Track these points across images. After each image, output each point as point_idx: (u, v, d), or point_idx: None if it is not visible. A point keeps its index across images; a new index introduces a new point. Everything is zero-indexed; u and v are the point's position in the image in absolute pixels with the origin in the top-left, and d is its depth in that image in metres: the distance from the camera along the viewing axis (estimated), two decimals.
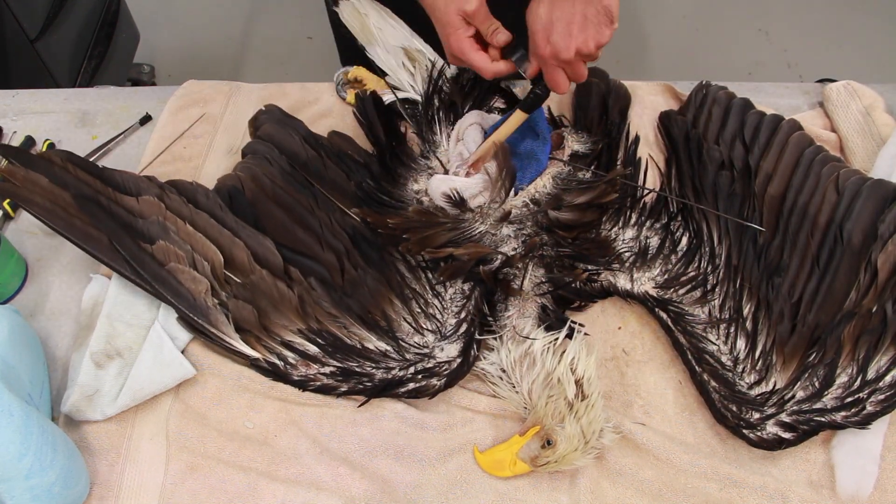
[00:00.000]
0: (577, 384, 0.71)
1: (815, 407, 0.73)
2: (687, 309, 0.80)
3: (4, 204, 0.91)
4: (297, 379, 0.75)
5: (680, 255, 0.84)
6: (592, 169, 0.89)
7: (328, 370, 0.75)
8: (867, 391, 0.73)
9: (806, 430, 0.72)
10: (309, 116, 0.97)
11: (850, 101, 0.98)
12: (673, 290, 0.82)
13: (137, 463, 0.72)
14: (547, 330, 0.77)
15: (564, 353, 0.74)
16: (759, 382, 0.75)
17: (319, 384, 0.75)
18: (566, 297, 0.81)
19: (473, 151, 0.87)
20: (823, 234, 0.82)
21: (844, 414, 0.72)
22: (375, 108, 0.93)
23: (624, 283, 0.82)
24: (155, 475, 0.72)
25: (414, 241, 0.79)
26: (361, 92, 0.96)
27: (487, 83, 0.94)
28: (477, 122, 0.90)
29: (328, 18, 1.12)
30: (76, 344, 0.79)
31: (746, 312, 0.79)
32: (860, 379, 0.74)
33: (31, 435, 0.63)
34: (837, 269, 0.79)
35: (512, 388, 0.75)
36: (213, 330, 0.75)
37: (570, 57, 0.74)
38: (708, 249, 0.84)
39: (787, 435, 0.72)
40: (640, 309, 0.84)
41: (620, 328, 0.83)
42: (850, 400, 0.73)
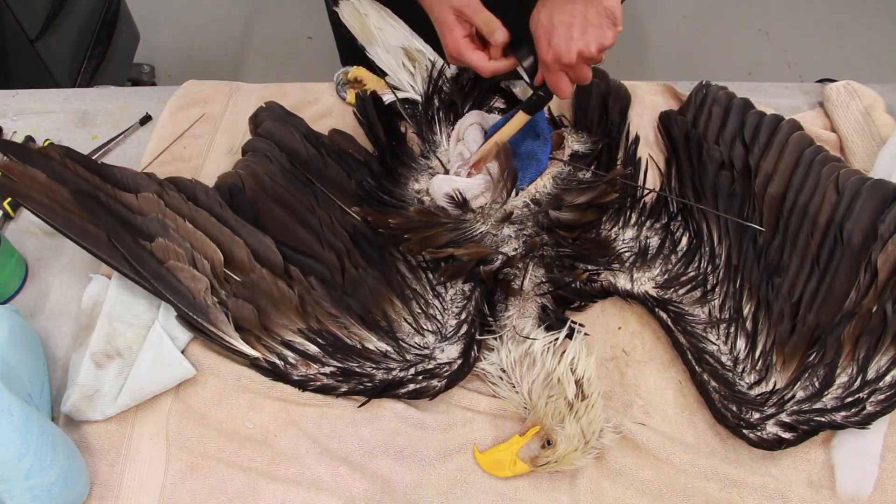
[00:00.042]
0: (577, 384, 0.71)
1: (815, 407, 0.73)
2: (687, 309, 0.80)
3: (4, 204, 0.91)
4: (297, 379, 0.75)
5: (680, 255, 0.84)
6: (592, 169, 0.89)
7: (328, 370, 0.75)
8: (867, 391, 0.73)
9: (806, 430, 0.72)
10: (309, 116, 0.97)
11: (850, 101, 0.98)
12: (673, 290, 0.82)
13: (137, 463, 0.72)
14: (547, 330, 0.77)
15: (564, 353, 0.74)
16: (759, 382, 0.75)
17: (319, 384, 0.75)
18: (566, 297, 0.81)
19: (474, 151, 0.86)
20: (823, 234, 0.82)
21: (844, 414, 0.72)
22: (375, 108, 0.93)
23: (624, 283, 0.82)
24: (155, 475, 0.72)
25: (415, 241, 0.79)
26: (362, 92, 0.96)
27: (487, 83, 0.94)
28: (477, 122, 0.90)
29: (328, 18, 1.12)
30: (76, 344, 0.79)
31: (746, 312, 0.79)
32: (860, 379, 0.74)
33: (31, 435, 0.63)
34: (837, 269, 0.79)
35: (512, 388, 0.75)
36: (212, 329, 0.75)
37: (571, 60, 0.74)
38: (708, 249, 0.84)
39: (787, 435, 0.72)
40: (640, 309, 0.84)
41: (620, 328, 0.83)
42: (850, 400, 0.73)
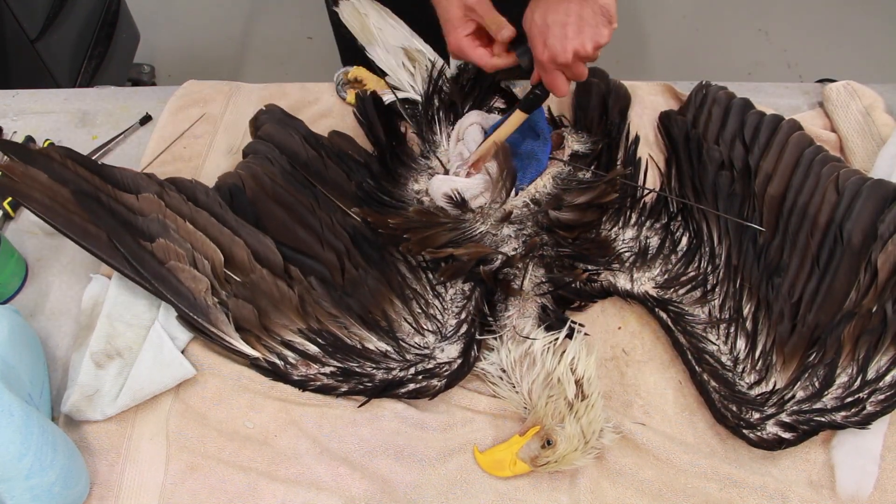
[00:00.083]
0: (577, 384, 0.71)
1: (815, 407, 0.73)
2: (687, 309, 0.80)
3: (5, 204, 0.91)
4: (297, 379, 0.75)
5: (680, 255, 0.84)
6: (592, 169, 0.89)
7: (328, 370, 0.75)
8: (867, 391, 0.73)
9: (806, 430, 0.72)
10: (309, 116, 0.97)
11: (849, 101, 0.98)
12: (673, 290, 0.82)
13: (137, 463, 0.73)
14: (547, 330, 0.77)
15: (564, 353, 0.74)
16: (759, 382, 0.75)
17: (319, 384, 0.75)
18: (566, 297, 0.81)
19: (474, 151, 0.87)
20: (823, 234, 0.82)
21: (844, 414, 0.72)
22: (375, 108, 0.93)
23: (624, 283, 0.82)
24: (155, 475, 0.72)
25: (414, 241, 0.79)
26: (362, 92, 0.96)
27: (487, 83, 0.94)
28: (477, 121, 0.90)
29: (328, 18, 1.12)
30: (76, 344, 0.79)
31: (746, 312, 0.79)
32: (860, 379, 0.74)
33: (31, 435, 0.63)
34: (837, 269, 0.79)
35: (512, 388, 0.75)
36: (212, 329, 0.75)
37: (567, 60, 0.74)
38: (708, 249, 0.84)
39: (787, 435, 0.72)
40: (640, 309, 0.84)
41: (620, 328, 0.83)
42: (850, 400, 0.73)
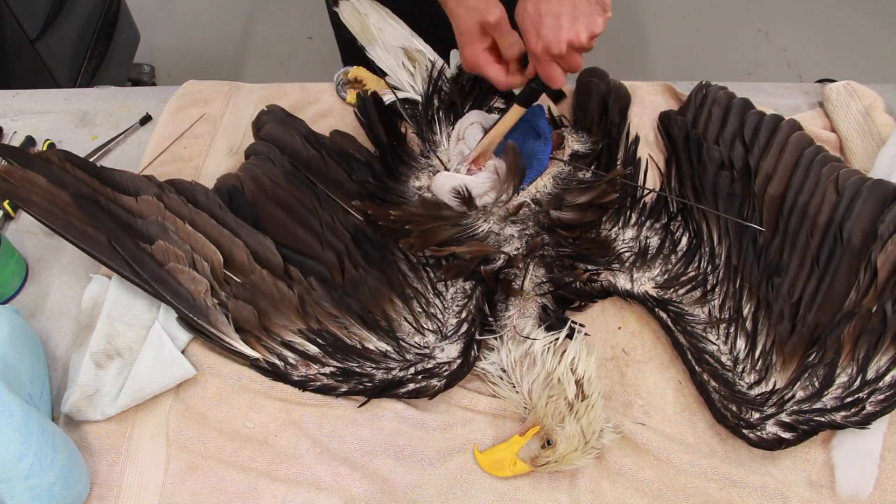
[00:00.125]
0: (577, 384, 0.71)
1: (814, 407, 0.73)
2: (687, 309, 0.80)
3: (5, 204, 0.91)
4: (297, 379, 0.75)
5: (680, 255, 0.84)
6: (592, 169, 0.89)
7: (328, 370, 0.75)
8: (867, 391, 0.73)
9: (806, 430, 0.72)
10: (309, 116, 0.97)
11: (849, 101, 0.98)
12: (673, 290, 0.82)
13: (137, 463, 0.73)
14: (547, 330, 0.77)
15: (564, 353, 0.74)
16: (758, 382, 0.75)
17: (319, 384, 0.75)
18: (566, 297, 0.81)
19: (473, 148, 0.87)
20: (823, 234, 0.82)
21: (844, 414, 0.72)
22: (376, 108, 0.93)
23: (624, 283, 0.82)
24: (155, 475, 0.72)
25: (416, 233, 0.79)
26: (362, 92, 0.96)
27: (487, 83, 0.94)
28: (477, 121, 0.90)
29: (328, 18, 1.12)
30: (76, 344, 0.79)
31: (746, 312, 0.79)
32: (860, 379, 0.74)
33: (31, 435, 0.63)
34: (837, 269, 0.79)
35: (512, 388, 0.75)
36: (212, 330, 0.75)
37: (561, 51, 0.73)
38: (708, 249, 0.84)
39: (786, 435, 0.72)
40: (640, 309, 0.84)
41: (620, 328, 0.83)
42: (849, 400, 0.73)
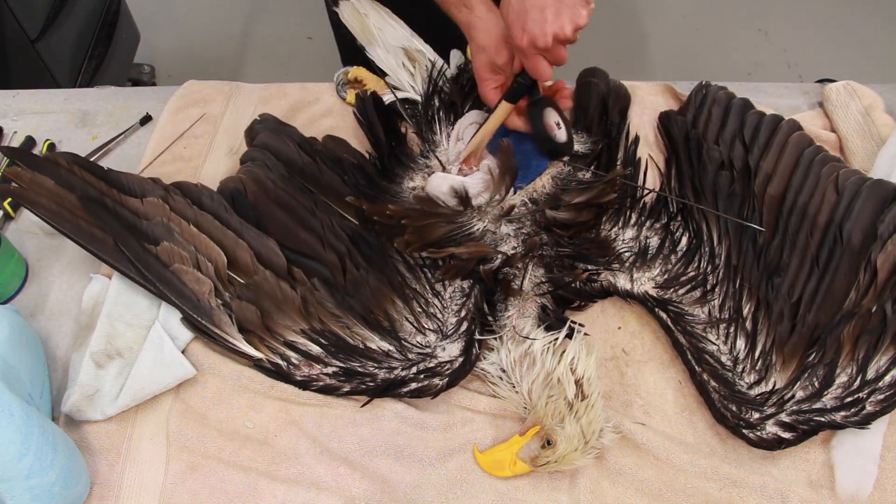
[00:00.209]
0: (577, 384, 0.71)
1: (814, 407, 0.73)
2: (687, 309, 0.80)
3: (5, 204, 0.91)
4: (300, 379, 0.75)
5: (680, 255, 0.84)
6: (592, 169, 0.89)
7: (331, 370, 0.75)
8: (867, 391, 0.73)
9: (805, 429, 0.72)
10: (309, 116, 0.97)
11: (849, 101, 0.98)
12: (673, 290, 0.82)
13: (138, 463, 0.73)
14: (547, 330, 0.77)
15: (564, 353, 0.74)
16: (758, 382, 0.75)
17: (322, 384, 0.75)
18: (566, 296, 0.81)
19: (465, 147, 0.87)
20: (823, 234, 0.82)
21: (844, 414, 0.72)
22: (375, 108, 0.93)
23: (624, 283, 0.82)
24: (155, 475, 0.72)
25: (411, 230, 0.79)
26: (362, 92, 0.96)
27: None
28: (477, 121, 0.90)
29: (328, 18, 1.12)
30: (76, 344, 0.79)
31: (746, 312, 0.79)
32: (860, 379, 0.74)
33: (31, 435, 0.63)
34: (837, 269, 0.79)
35: (512, 388, 0.75)
36: (216, 331, 0.76)
37: (547, 44, 0.74)
38: (708, 249, 0.84)
39: (786, 435, 0.72)
40: (640, 309, 0.84)
41: (620, 328, 0.83)
42: (849, 400, 0.73)
